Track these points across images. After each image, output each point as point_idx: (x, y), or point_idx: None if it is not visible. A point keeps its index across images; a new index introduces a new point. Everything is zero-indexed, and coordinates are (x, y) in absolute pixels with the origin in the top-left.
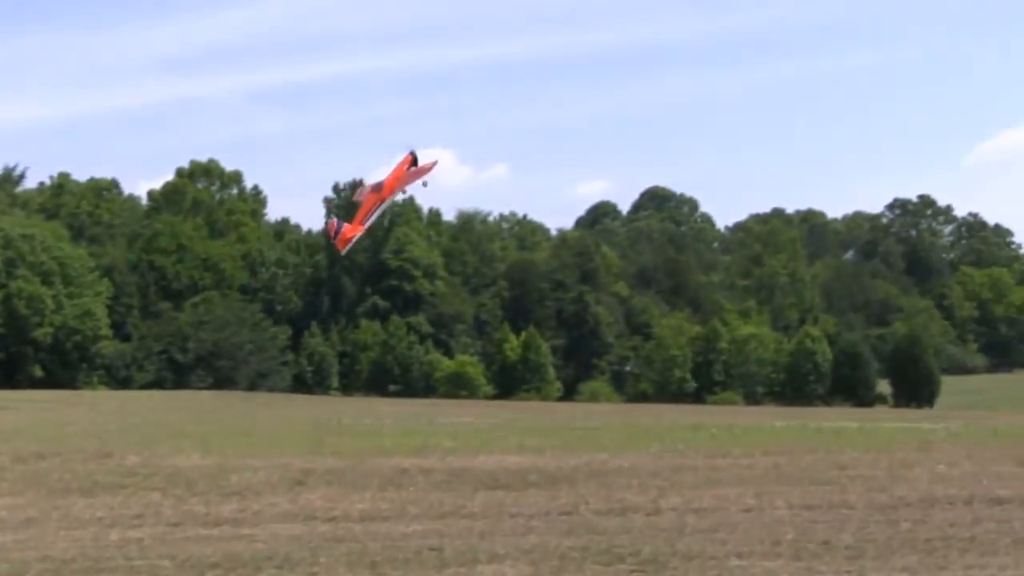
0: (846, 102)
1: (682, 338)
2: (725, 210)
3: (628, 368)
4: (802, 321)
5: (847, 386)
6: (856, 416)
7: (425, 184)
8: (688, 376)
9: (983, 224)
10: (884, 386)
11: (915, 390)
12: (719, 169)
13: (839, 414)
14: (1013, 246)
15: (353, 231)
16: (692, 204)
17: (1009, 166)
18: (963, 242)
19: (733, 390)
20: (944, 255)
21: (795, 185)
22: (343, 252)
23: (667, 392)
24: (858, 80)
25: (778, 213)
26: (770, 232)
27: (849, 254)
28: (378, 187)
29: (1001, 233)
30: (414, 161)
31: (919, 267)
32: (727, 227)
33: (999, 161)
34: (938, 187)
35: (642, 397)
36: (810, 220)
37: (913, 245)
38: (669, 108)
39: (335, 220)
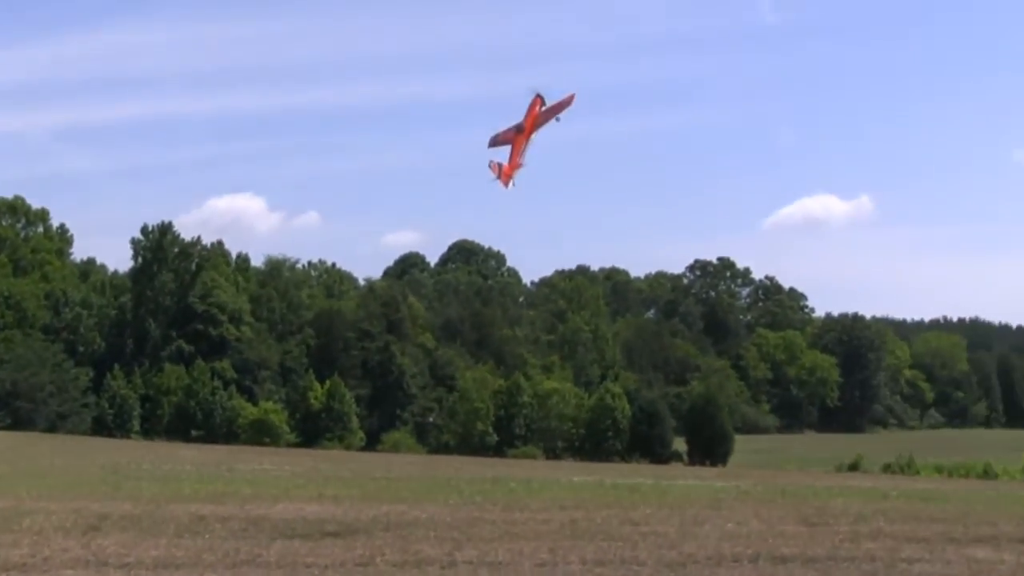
0: (651, 163)
1: (486, 391)
2: (531, 265)
3: (431, 419)
4: (603, 377)
5: (644, 443)
6: (652, 473)
7: (558, 119)
8: (490, 429)
9: (779, 287)
10: (680, 443)
11: (710, 448)
12: (527, 224)
13: (635, 470)
14: (806, 309)
15: (513, 168)
16: (499, 258)
17: (805, 232)
18: (759, 304)
19: (534, 444)
20: (741, 316)
21: (600, 243)
22: (508, 187)
23: (469, 444)
24: (663, 142)
25: (583, 270)
26: (574, 288)
27: (650, 313)
28: (520, 128)
29: (795, 296)
30: (543, 102)
31: (717, 328)
32: (533, 282)
33: (796, 226)
34: (737, 250)
35: (444, 449)
36: (614, 278)
37: (712, 306)
38: (479, 162)
39: (495, 163)
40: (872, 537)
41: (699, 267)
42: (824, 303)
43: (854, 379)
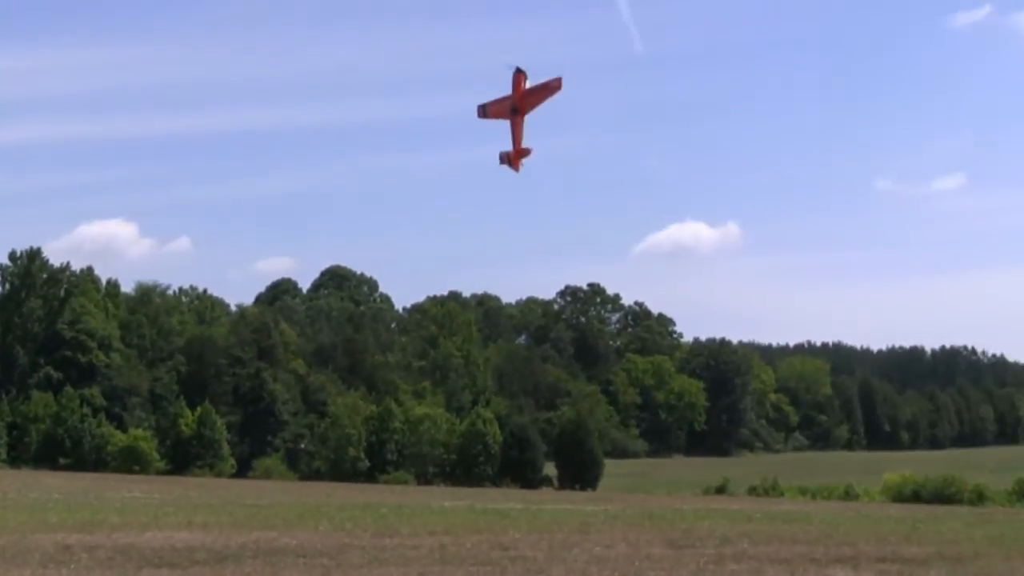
0: (523, 190)
1: (357, 417)
2: (403, 291)
3: (303, 446)
4: (474, 403)
5: (515, 467)
6: (522, 498)
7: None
8: (362, 455)
9: (648, 313)
10: (551, 468)
11: (580, 473)
12: (399, 250)
13: (506, 495)
14: (675, 335)
15: (521, 153)
16: (371, 284)
17: (674, 258)
18: (629, 330)
19: (405, 469)
20: (611, 342)
21: (472, 269)
22: (519, 171)
23: (341, 470)
24: (536, 169)
25: (455, 296)
26: (446, 314)
27: (522, 338)
28: (515, 108)
29: (664, 322)
30: (525, 78)
31: (587, 353)
32: (405, 308)
33: (665, 253)
34: (608, 276)
35: (316, 475)
36: (485, 304)
37: (582, 331)
38: (352, 188)
39: (504, 153)
40: (736, 559)
41: (570, 293)
42: (692, 328)
43: (721, 403)
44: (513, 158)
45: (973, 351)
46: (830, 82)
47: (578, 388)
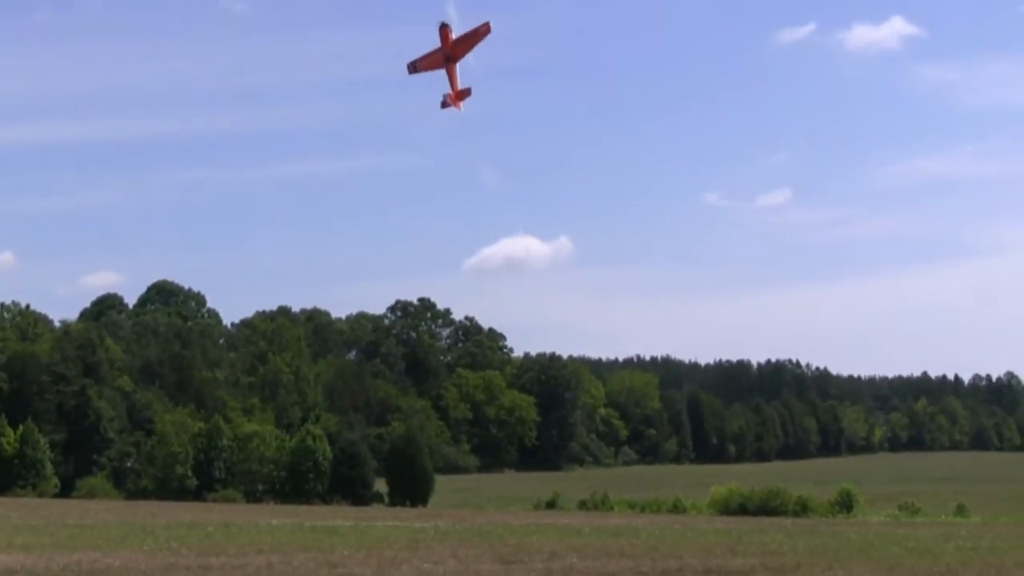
0: (355, 203)
1: (185, 434)
2: (232, 306)
3: (129, 464)
4: (304, 419)
5: (346, 484)
6: (352, 515)
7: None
8: (190, 473)
9: (479, 328)
10: (382, 485)
11: (410, 489)
12: (227, 265)
13: (336, 512)
14: (505, 350)
15: (461, 95)
16: (199, 299)
17: (506, 272)
18: (460, 345)
19: (234, 487)
20: (442, 357)
21: (301, 283)
22: (461, 110)
23: (168, 489)
24: (366, 182)
25: (284, 311)
26: (276, 330)
27: (352, 354)
28: (448, 56)
29: (495, 337)
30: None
31: (418, 368)
32: (234, 323)
33: (497, 267)
34: (439, 291)
35: (142, 494)
36: (315, 319)
37: (413, 347)
38: (179, 201)
39: (446, 96)
40: (565, 573)
41: (400, 308)
42: (523, 343)
43: (552, 418)
44: (454, 99)
45: (797, 364)
46: (662, 96)
47: (409, 404)
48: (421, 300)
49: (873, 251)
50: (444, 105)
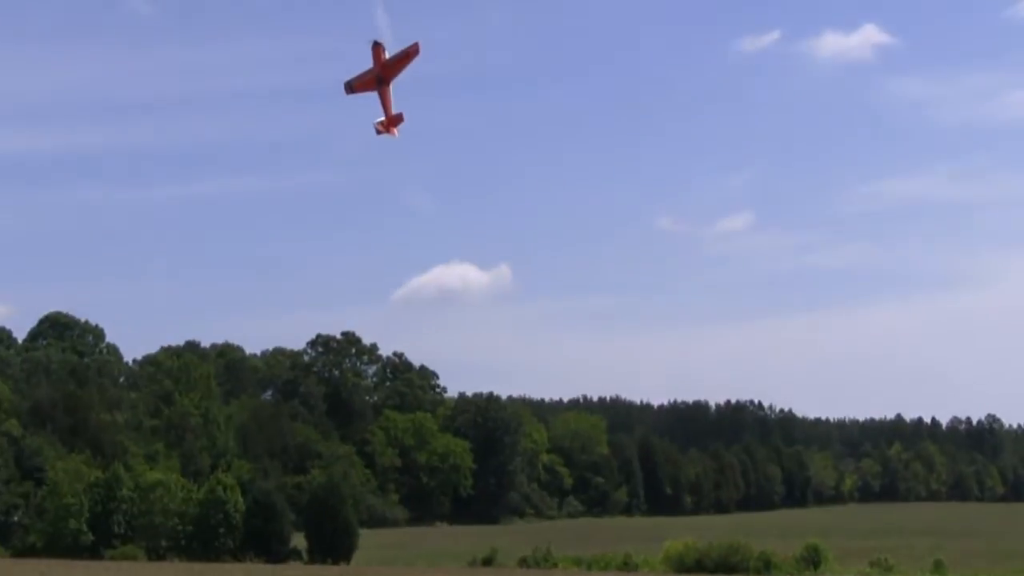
0: (271, 227)
1: (80, 484)
2: (134, 342)
3: (16, 518)
4: (214, 467)
5: (260, 539)
6: (267, 573)
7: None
8: (85, 527)
9: (408, 365)
10: (300, 539)
11: (332, 544)
12: (128, 296)
13: (249, 571)
14: (438, 389)
15: (395, 120)
16: (97, 333)
17: (439, 304)
18: (387, 384)
19: (135, 543)
20: (368, 397)
21: (211, 316)
22: (396, 136)
23: (60, 546)
24: (283, 203)
25: (192, 347)
26: (183, 367)
27: (268, 394)
28: (380, 79)
29: (426, 375)
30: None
31: (341, 410)
32: (136, 360)
33: (429, 299)
34: (365, 324)
35: (31, 551)
36: (227, 355)
37: (336, 386)
38: (74, 225)
39: (378, 122)
40: None
41: (321, 343)
42: (458, 382)
43: (489, 465)
44: (387, 125)
45: (760, 406)
46: (611, 111)
47: (331, 449)
48: (345, 334)
49: (841, 281)
50: (379, 132)
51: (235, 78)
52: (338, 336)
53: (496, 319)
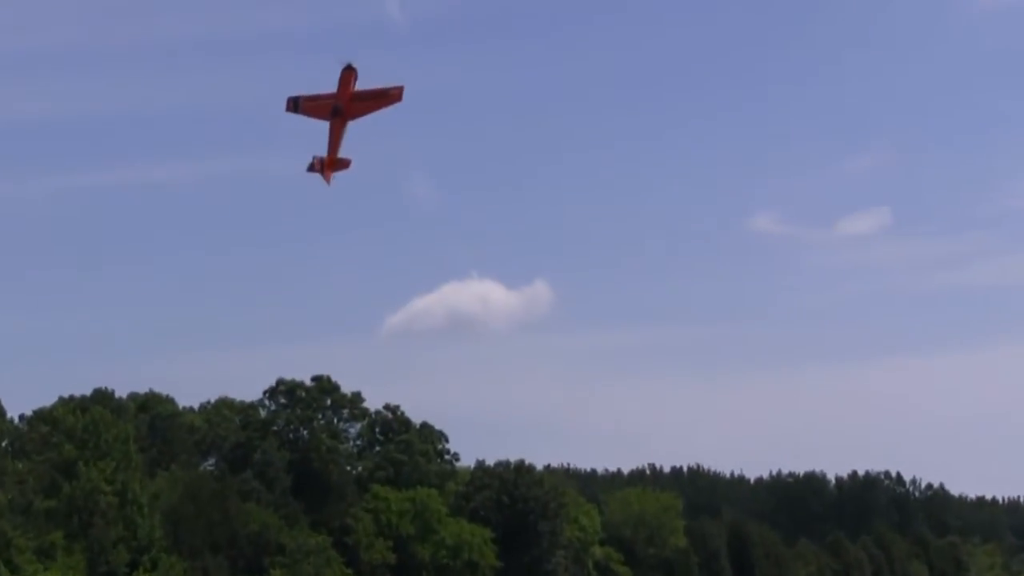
0: (209, 231)
1: None
2: (20, 392)
3: None
4: (135, 565)
5: None
6: None
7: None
8: None
9: (406, 422)
10: None
11: None
12: (9, 330)
13: None
14: (447, 456)
15: (335, 163)
16: None
17: (448, 336)
18: (377, 449)
19: None
20: (349, 467)
21: (128, 354)
22: (330, 183)
23: None
24: (223, 198)
25: (102, 396)
26: (89, 426)
27: (210, 462)
28: (337, 110)
29: (430, 436)
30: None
31: (312, 485)
32: (23, 417)
33: (434, 328)
34: (344, 365)
35: None
36: (151, 408)
37: (304, 451)
38: None
39: (316, 158)
40: None
41: (284, 391)
42: (474, 446)
43: (519, 561)
44: (326, 166)
45: (898, 480)
46: (684, 75)
47: (298, 540)
48: (317, 380)
49: (1009, 303)
50: (312, 169)
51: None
52: (307, 382)
53: (528, 357)
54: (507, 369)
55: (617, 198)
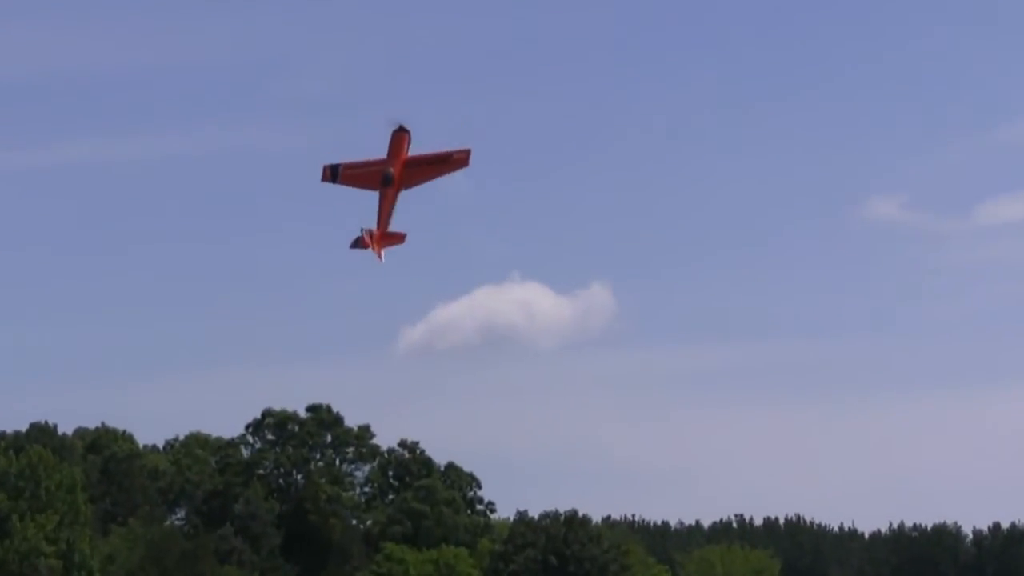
0: (177, 227)
1: None
2: None
3: None
4: None
5: None
6: None
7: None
8: None
9: (426, 462)
10: None
11: None
12: None
13: None
14: (480, 506)
15: (388, 240)
16: None
17: (481, 352)
18: (390, 498)
19: None
20: (356, 521)
21: (74, 381)
22: (382, 260)
23: None
24: (181, 184)
25: (41, 433)
26: (26, 471)
27: (179, 514)
28: (388, 178)
29: (459, 480)
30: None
31: (309, 542)
32: None
33: (462, 345)
34: (347, 390)
35: None
36: (103, 448)
37: (298, 501)
38: None
39: (365, 232)
40: None
41: (272, 425)
42: (514, 494)
43: None
44: (376, 241)
45: None
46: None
47: None
48: (313, 410)
49: None
50: (358, 244)
51: None
52: (302, 413)
53: (583, 381)
54: (556, 397)
55: (696, 182)
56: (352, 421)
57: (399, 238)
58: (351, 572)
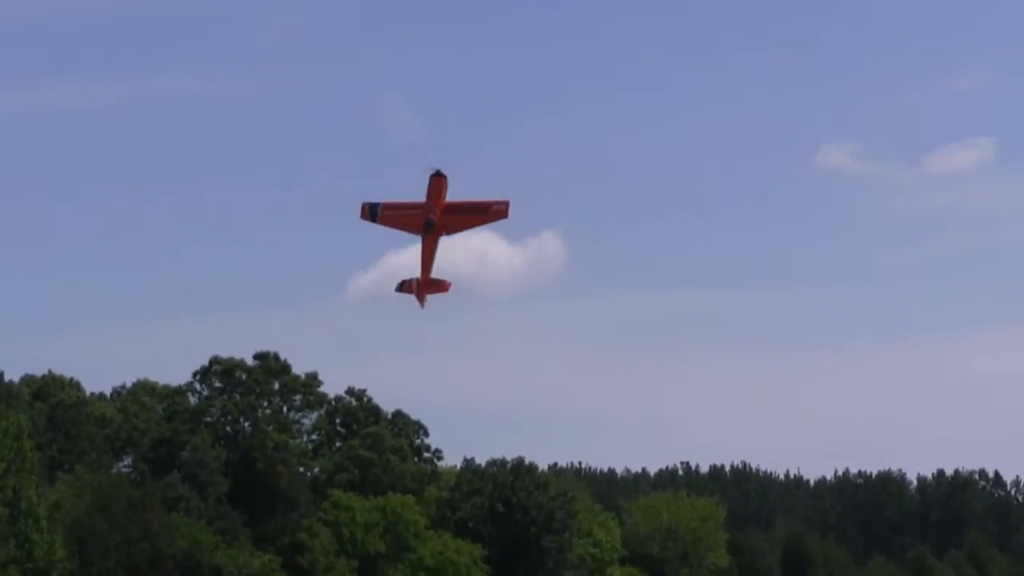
0: (123, 175)
1: None
2: None
3: None
4: None
5: None
6: None
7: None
8: None
9: (374, 410)
10: None
11: None
12: None
13: None
14: (428, 452)
15: (431, 287)
16: None
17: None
18: (338, 445)
19: None
20: (303, 468)
21: (19, 327)
22: (424, 307)
23: None
24: (139, 129)
25: None
26: None
27: (125, 461)
28: (430, 224)
29: (407, 427)
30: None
31: (256, 490)
32: None
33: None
34: (295, 338)
35: None
36: (49, 396)
37: (245, 448)
38: None
39: (412, 281)
40: None
41: (219, 372)
42: (461, 441)
43: None
44: (420, 288)
45: (997, 481)
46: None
47: (238, 560)
48: (260, 358)
49: None
50: (402, 290)
51: None
52: (249, 361)
53: (532, 330)
54: (505, 346)
55: (648, 129)
56: (300, 369)
57: (444, 286)
58: (298, 519)
